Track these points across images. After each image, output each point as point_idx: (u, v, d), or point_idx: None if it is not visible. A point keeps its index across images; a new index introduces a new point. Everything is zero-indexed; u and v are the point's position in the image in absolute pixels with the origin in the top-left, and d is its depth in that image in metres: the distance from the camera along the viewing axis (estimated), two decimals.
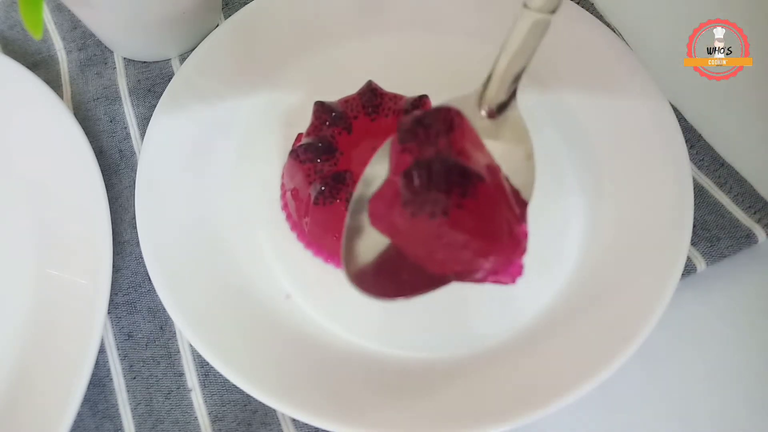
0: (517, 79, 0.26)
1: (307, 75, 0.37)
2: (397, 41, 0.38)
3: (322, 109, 0.32)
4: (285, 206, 0.34)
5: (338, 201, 0.30)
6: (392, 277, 0.24)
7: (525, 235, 0.24)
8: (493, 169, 0.25)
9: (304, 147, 0.31)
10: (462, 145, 0.24)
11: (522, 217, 0.24)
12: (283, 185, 0.34)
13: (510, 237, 0.23)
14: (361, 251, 0.25)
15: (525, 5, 0.24)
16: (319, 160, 0.31)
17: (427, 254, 0.23)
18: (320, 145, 0.31)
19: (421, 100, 0.32)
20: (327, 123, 0.32)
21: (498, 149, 0.26)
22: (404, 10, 0.38)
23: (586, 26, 0.35)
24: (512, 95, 0.26)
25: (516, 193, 0.25)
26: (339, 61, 0.38)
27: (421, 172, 0.23)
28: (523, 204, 0.25)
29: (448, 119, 0.24)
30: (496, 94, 0.26)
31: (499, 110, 0.27)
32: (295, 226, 0.33)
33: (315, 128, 0.32)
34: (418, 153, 0.24)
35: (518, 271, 0.24)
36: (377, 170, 0.26)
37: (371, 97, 0.33)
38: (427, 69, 0.36)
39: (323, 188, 0.30)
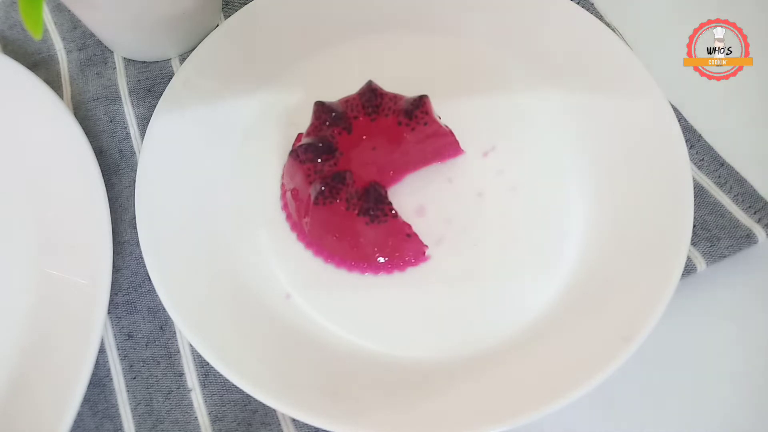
0: None
1: (307, 75, 0.37)
2: (397, 41, 0.38)
3: (322, 109, 0.32)
4: (285, 206, 0.34)
5: (338, 201, 0.30)
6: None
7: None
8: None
9: (304, 147, 0.31)
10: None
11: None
12: (283, 185, 0.34)
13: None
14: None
15: None
16: (319, 160, 0.31)
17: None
18: (320, 145, 0.31)
19: (421, 100, 0.32)
20: (327, 123, 0.32)
21: None
22: (404, 10, 0.38)
23: (586, 26, 0.35)
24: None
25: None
26: (339, 61, 0.38)
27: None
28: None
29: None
30: None
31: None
32: (296, 226, 0.33)
33: (315, 128, 0.32)
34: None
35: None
36: None
37: (371, 97, 0.33)
38: (427, 69, 0.36)
39: (323, 188, 0.30)
